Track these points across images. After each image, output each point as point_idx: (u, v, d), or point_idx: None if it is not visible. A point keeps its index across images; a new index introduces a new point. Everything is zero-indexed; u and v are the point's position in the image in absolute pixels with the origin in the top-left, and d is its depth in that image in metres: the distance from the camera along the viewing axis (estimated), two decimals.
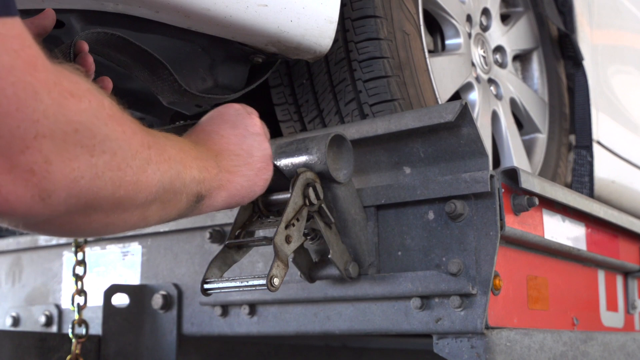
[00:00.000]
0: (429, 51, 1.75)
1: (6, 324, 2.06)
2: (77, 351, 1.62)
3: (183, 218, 1.07)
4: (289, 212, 1.20)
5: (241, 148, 1.11)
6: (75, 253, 1.69)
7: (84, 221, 0.83)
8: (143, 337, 1.70)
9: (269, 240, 1.18)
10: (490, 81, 2.01)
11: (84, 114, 0.76)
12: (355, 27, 1.50)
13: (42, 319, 1.98)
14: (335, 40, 1.44)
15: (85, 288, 1.68)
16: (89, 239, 1.82)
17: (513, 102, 2.10)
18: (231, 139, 1.11)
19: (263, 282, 1.14)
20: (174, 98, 1.37)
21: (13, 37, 0.69)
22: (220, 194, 1.06)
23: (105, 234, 0.92)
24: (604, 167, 2.40)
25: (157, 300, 1.66)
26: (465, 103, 1.26)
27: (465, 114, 1.26)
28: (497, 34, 2.11)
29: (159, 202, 0.93)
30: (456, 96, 1.80)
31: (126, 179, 0.83)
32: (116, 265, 1.84)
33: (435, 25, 1.86)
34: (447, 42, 1.86)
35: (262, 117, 1.35)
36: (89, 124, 0.77)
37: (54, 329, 1.96)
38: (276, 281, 1.14)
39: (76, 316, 1.65)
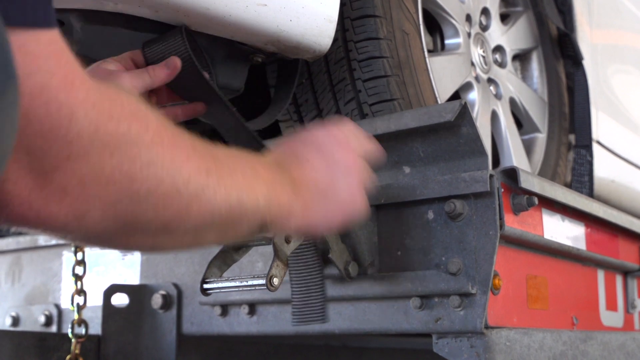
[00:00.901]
0: (429, 51, 1.75)
1: (6, 323, 2.06)
2: (77, 351, 1.62)
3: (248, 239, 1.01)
4: None
5: (324, 177, 1.02)
6: (75, 253, 1.69)
7: (126, 241, 0.80)
8: (143, 337, 1.70)
9: (268, 240, 1.18)
10: (490, 81, 2.01)
11: (123, 138, 0.72)
12: (355, 27, 1.50)
13: (42, 319, 1.97)
14: (335, 40, 1.44)
15: (84, 288, 1.68)
16: None
17: (512, 102, 2.10)
18: (316, 165, 1.02)
19: (262, 281, 1.14)
20: None
21: (48, 55, 0.66)
22: (289, 222, 0.98)
23: (155, 252, 0.89)
24: (604, 167, 2.40)
25: (156, 300, 1.66)
26: (465, 103, 1.26)
27: (464, 113, 1.26)
28: (497, 33, 2.10)
29: (214, 229, 0.87)
30: (456, 96, 1.80)
31: (174, 205, 0.79)
32: (116, 264, 1.84)
33: (435, 24, 1.86)
34: (447, 41, 1.86)
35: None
36: (127, 148, 0.73)
37: (53, 328, 1.96)
38: (276, 281, 1.14)
39: (76, 316, 1.65)
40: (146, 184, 0.75)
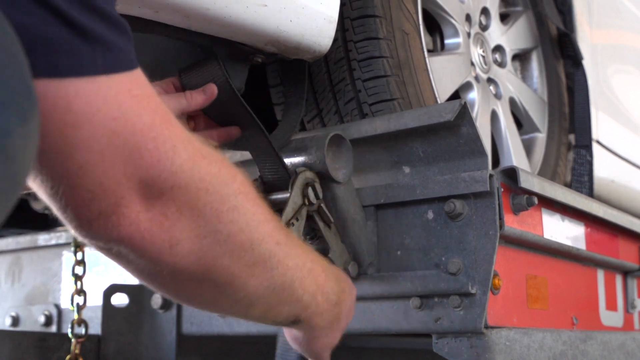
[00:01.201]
0: (428, 51, 1.75)
1: (5, 323, 2.06)
2: (77, 351, 1.62)
3: (280, 325, 1.11)
4: (288, 212, 1.20)
5: (347, 316, 1.17)
6: (75, 253, 1.69)
7: (196, 288, 0.88)
8: (142, 337, 1.70)
9: None
10: (490, 81, 2.01)
11: (215, 178, 0.82)
12: (355, 27, 1.50)
13: (42, 319, 1.98)
14: (335, 40, 1.44)
15: (84, 288, 1.68)
16: None
17: (512, 102, 2.10)
18: (348, 305, 1.16)
19: None
20: None
21: (148, 96, 0.76)
22: (312, 331, 1.10)
23: (211, 311, 0.97)
24: (604, 167, 2.40)
25: (156, 300, 1.66)
26: (465, 102, 1.26)
27: (464, 113, 1.26)
28: (497, 33, 2.10)
29: (262, 303, 0.95)
30: (455, 95, 1.80)
31: (244, 258, 0.87)
32: (116, 264, 1.84)
33: (435, 24, 1.86)
34: (447, 41, 1.86)
35: (262, 117, 1.35)
36: (219, 188, 0.82)
37: (53, 328, 1.96)
38: None
39: (75, 316, 1.65)
40: (228, 227, 0.83)
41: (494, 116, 1.97)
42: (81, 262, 1.68)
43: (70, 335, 1.63)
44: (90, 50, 0.70)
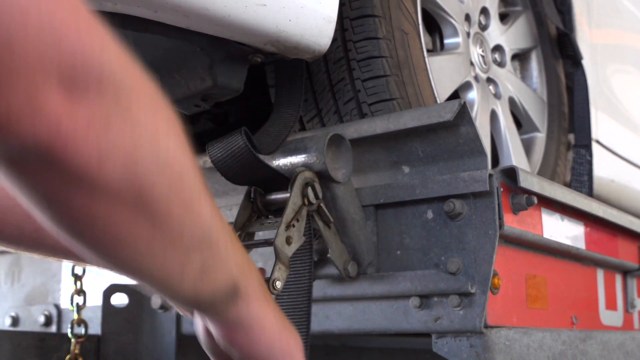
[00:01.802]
0: (428, 50, 1.75)
1: (5, 323, 2.06)
2: (77, 351, 1.62)
3: (216, 309, 0.90)
4: (289, 213, 1.20)
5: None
6: None
7: (126, 222, 0.71)
8: (142, 337, 1.70)
9: (269, 243, 1.18)
10: (489, 80, 2.01)
11: (149, 91, 0.68)
12: (354, 27, 1.50)
13: (42, 319, 1.98)
14: (334, 40, 1.44)
15: (84, 288, 1.68)
16: None
17: (512, 101, 2.11)
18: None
19: None
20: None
21: None
22: (254, 304, 0.89)
23: (139, 276, 0.79)
24: (603, 166, 2.40)
25: (156, 300, 1.66)
26: (464, 102, 1.26)
27: (464, 113, 1.26)
28: (496, 33, 2.11)
29: (199, 255, 0.80)
30: (455, 95, 1.80)
31: (183, 194, 0.73)
32: None
33: (434, 24, 1.86)
34: (446, 41, 1.86)
35: (261, 117, 1.36)
36: (155, 104, 0.69)
37: (53, 328, 1.96)
38: (278, 284, 1.14)
39: (75, 316, 1.65)
40: (165, 152, 0.70)
41: (493, 116, 1.97)
42: None
43: (70, 335, 1.63)
44: None
